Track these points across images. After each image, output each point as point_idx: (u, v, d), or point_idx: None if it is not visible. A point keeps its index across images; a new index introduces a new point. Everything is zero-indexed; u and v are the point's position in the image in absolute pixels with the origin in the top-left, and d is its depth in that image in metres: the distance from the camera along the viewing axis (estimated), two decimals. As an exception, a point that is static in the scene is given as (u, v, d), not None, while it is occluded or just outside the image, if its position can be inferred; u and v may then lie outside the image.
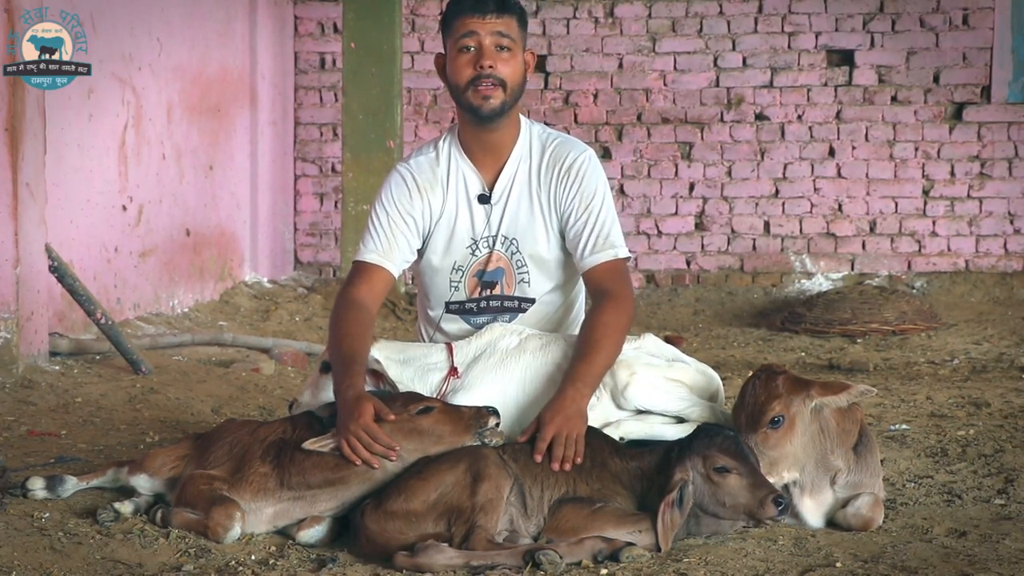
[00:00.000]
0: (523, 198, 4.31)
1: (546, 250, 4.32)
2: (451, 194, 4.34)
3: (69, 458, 4.92)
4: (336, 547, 3.85)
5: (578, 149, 4.33)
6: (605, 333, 4.06)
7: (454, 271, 4.36)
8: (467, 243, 4.34)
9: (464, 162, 4.35)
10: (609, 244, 4.24)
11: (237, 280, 10.14)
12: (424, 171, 4.36)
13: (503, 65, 4.16)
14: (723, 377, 4.52)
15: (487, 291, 4.35)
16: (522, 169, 4.32)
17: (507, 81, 4.18)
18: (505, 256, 4.32)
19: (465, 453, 3.83)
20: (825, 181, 10.76)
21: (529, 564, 3.52)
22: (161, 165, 8.78)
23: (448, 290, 4.38)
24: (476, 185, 4.33)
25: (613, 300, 4.15)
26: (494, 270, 4.34)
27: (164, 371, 7.03)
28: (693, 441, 3.77)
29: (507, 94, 4.19)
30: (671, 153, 10.88)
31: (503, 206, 4.31)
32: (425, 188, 4.33)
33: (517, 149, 4.33)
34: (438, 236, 4.36)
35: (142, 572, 3.59)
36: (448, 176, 4.34)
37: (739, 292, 10.64)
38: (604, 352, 4.04)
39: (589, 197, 4.26)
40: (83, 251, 7.64)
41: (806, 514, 3.93)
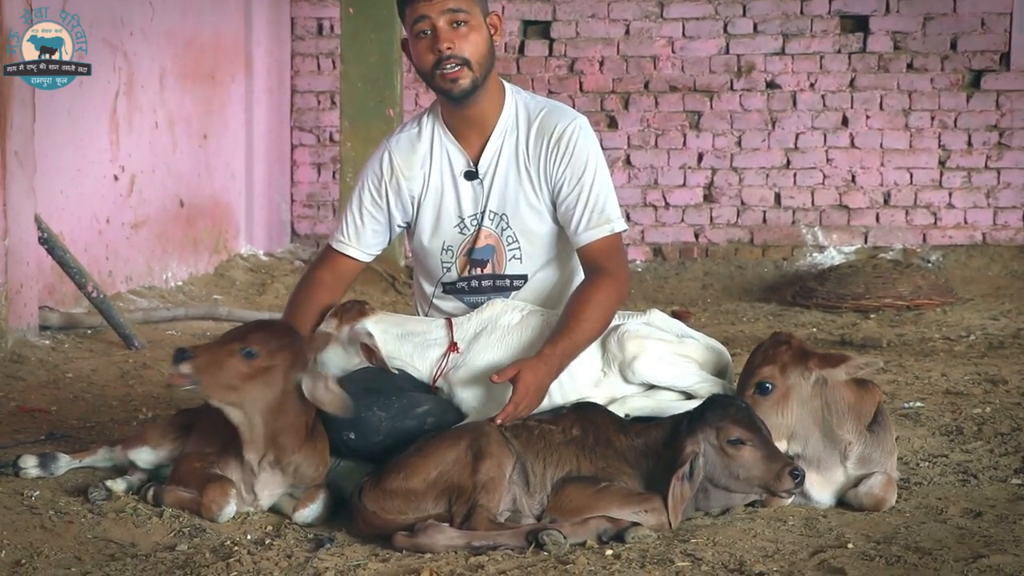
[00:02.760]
0: (511, 172, 4.26)
1: (537, 224, 4.28)
2: (435, 172, 4.30)
3: (60, 435, 4.93)
4: (333, 526, 3.85)
5: (567, 117, 4.27)
6: (592, 310, 4.04)
7: (444, 251, 4.34)
8: (455, 222, 4.31)
9: (447, 138, 4.30)
10: (604, 219, 4.20)
11: (232, 252, 10.13)
12: (404, 150, 4.32)
13: (462, 42, 4.08)
14: (732, 353, 4.51)
15: (477, 269, 4.33)
16: (508, 142, 4.26)
17: (470, 58, 4.10)
18: (495, 232, 4.29)
19: (466, 431, 3.84)
20: (838, 151, 10.73)
21: (532, 544, 3.53)
22: (154, 134, 8.76)
23: (440, 271, 4.37)
24: (461, 161, 4.29)
25: (607, 277, 4.12)
26: (483, 247, 4.31)
27: (157, 346, 7.04)
28: (705, 412, 3.76)
29: (475, 70, 4.12)
30: (679, 122, 10.85)
31: (490, 181, 4.26)
32: (404, 169, 4.30)
33: (502, 121, 4.27)
34: (424, 216, 4.34)
35: (135, 551, 3.60)
36: (431, 154, 4.30)
37: (749, 266, 10.63)
38: (588, 328, 4.03)
39: (580, 169, 4.21)
40: (74, 222, 7.63)
41: (813, 490, 3.93)
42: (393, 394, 4.04)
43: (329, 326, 4.21)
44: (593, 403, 4.01)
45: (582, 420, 3.89)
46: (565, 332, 3.99)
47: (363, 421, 3.97)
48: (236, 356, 3.77)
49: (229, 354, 3.77)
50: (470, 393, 4.11)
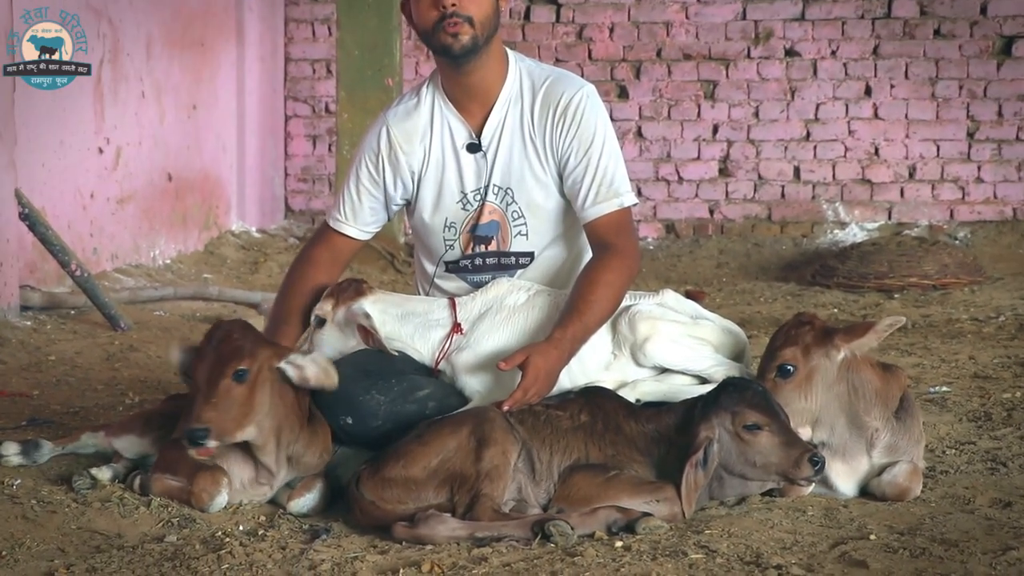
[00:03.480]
0: (515, 144, 4.25)
1: (543, 198, 4.27)
2: (436, 146, 4.29)
3: (41, 420, 4.93)
4: (330, 516, 3.86)
5: (574, 86, 4.26)
6: (603, 290, 4.04)
7: (447, 228, 4.33)
8: (457, 197, 4.30)
9: (448, 109, 4.29)
10: (613, 192, 4.19)
11: (223, 229, 10.13)
12: (403, 124, 4.31)
13: (468, 1, 4.10)
14: (749, 335, 4.51)
15: (480, 247, 4.32)
16: (512, 112, 4.25)
17: (474, 16, 4.10)
18: (499, 208, 4.28)
19: (469, 416, 3.84)
20: (861, 123, 10.72)
21: (538, 536, 3.52)
22: (140, 104, 8.75)
23: (443, 248, 4.36)
24: (463, 133, 4.28)
25: (616, 254, 4.12)
26: (488, 223, 4.30)
27: (144, 327, 7.05)
28: (719, 396, 3.76)
29: (477, 29, 4.11)
30: (693, 92, 10.84)
31: (494, 153, 4.26)
32: (403, 144, 4.29)
33: (505, 91, 4.26)
34: (425, 191, 4.33)
35: (121, 543, 3.60)
36: (431, 126, 4.30)
37: (766, 243, 10.62)
38: (599, 309, 4.03)
39: (588, 140, 4.19)
40: (56, 197, 7.63)
41: (837, 480, 3.93)
42: (393, 377, 4.05)
43: (325, 307, 4.21)
44: (602, 387, 4.01)
45: (590, 405, 3.89)
46: (575, 315, 3.99)
47: (361, 405, 3.98)
48: (234, 391, 3.75)
49: (227, 392, 3.74)
50: (474, 376, 4.11)
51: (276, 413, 3.81)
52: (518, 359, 3.87)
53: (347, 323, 4.18)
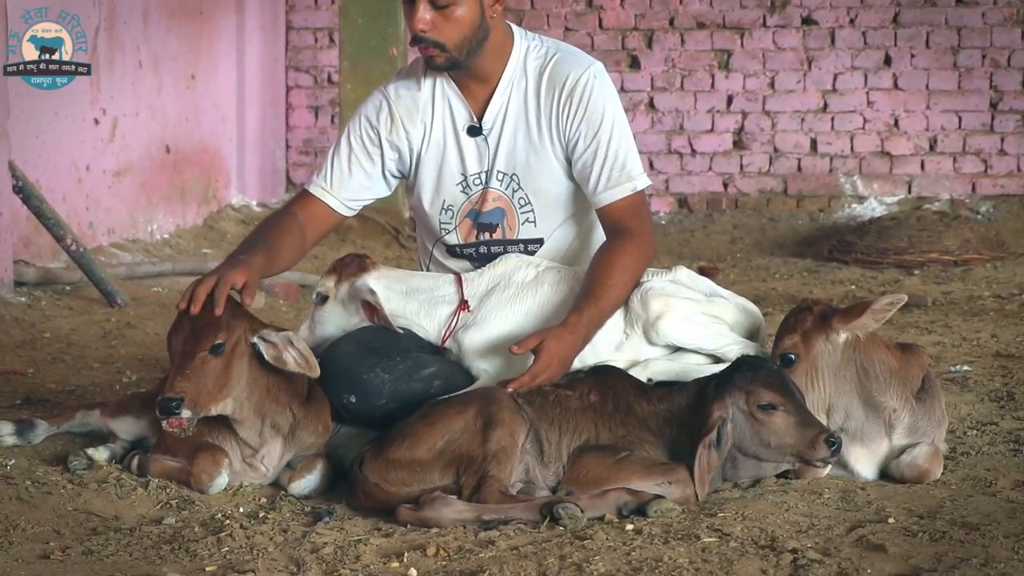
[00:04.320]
0: (519, 127, 4.22)
1: (551, 183, 4.25)
2: (436, 125, 4.26)
3: (36, 399, 4.94)
4: (332, 498, 3.86)
5: (580, 65, 4.20)
6: (619, 274, 4.03)
7: (444, 211, 4.31)
8: (457, 180, 4.27)
9: (450, 88, 4.25)
10: (625, 176, 4.16)
11: (222, 203, 10.13)
12: (403, 99, 4.27)
13: (442, 25, 4.00)
14: (763, 312, 4.50)
15: (485, 234, 4.30)
16: (516, 94, 4.22)
17: (446, 43, 4.03)
18: (505, 194, 4.26)
19: (476, 396, 3.84)
20: (880, 93, 10.68)
21: (547, 518, 3.53)
22: (137, 74, 8.74)
23: (439, 231, 4.35)
24: (464, 115, 4.25)
25: (632, 238, 4.11)
26: (492, 211, 4.28)
27: (141, 303, 7.05)
28: (733, 375, 3.75)
29: (452, 51, 4.05)
30: (707, 62, 10.81)
31: (497, 138, 4.23)
32: (403, 119, 4.26)
33: (508, 71, 4.21)
34: (425, 173, 4.30)
35: (118, 525, 3.61)
36: (433, 104, 4.26)
37: (782, 218, 10.61)
38: (615, 294, 4.03)
39: (596, 123, 4.15)
40: (51, 169, 7.63)
41: (856, 463, 3.92)
42: (398, 355, 4.04)
43: (327, 283, 4.21)
44: (612, 366, 4.01)
45: (600, 385, 3.89)
46: (592, 299, 3.98)
47: (365, 383, 3.98)
48: (210, 363, 3.74)
49: (203, 364, 3.73)
50: (481, 356, 4.10)
51: (258, 386, 3.81)
52: (532, 343, 3.86)
53: (350, 299, 4.18)
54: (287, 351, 3.81)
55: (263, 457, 3.90)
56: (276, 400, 3.84)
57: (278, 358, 3.81)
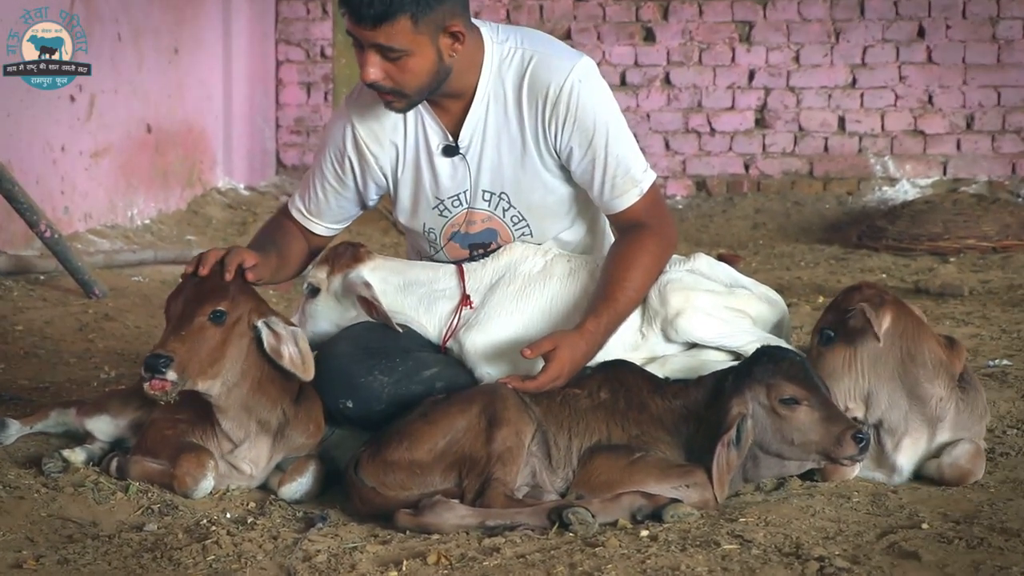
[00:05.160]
0: (503, 143, 4.15)
1: (544, 195, 4.20)
2: (409, 146, 4.19)
3: (8, 397, 4.95)
4: (326, 503, 3.86)
5: (562, 71, 4.07)
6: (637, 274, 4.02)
7: (427, 232, 4.29)
8: (432, 204, 4.22)
9: (423, 107, 4.14)
10: (630, 181, 4.11)
11: (208, 186, 10.14)
12: (368, 122, 4.19)
13: (396, 74, 3.91)
14: (788, 303, 4.49)
15: (479, 250, 4.27)
16: (494, 108, 4.13)
17: (403, 89, 3.94)
18: (494, 215, 4.22)
19: (479, 394, 3.83)
20: (913, 68, 10.68)
21: (555, 524, 3.53)
22: (116, 48, 8.74)
23: (428, 250, 4.34)
24: (437, 134, 4.17)
25: (651, 233, 4.09)
26: (482, 232, 4.25)
27: (121, 294, 7.06)
28: (753, 367, 3.75)
29: (411, 96, 3.98)
30: (727, 34, 10.80)
31: (478, 157, 4.16)
32: (368, 145, 4.20)
33: (483, 84, 4.10)
34: (402, 195, 4.26)
35: (96, 532, 3.61)
36: (404, 124, 4.18)
37: (807, 201, 10.61)
38: (633, 296, 4.02)
39: (590, 131, 4.07)
40: (23, 150, 7.64)
41: (896, 457, 3.91)
42: (397, 356, 4.03)
43: (319, 274, 4.19)
44: (623, 361, 4.00)
45: (611, 382, 3.89)
46: (609, 302, 3.97)
47: (363, 387, 3.97)
48: (208, 330, 3.75)
49: (200, 330, 3.74)
50: (485, 357, 4.09)
51: (249, 376, 3.82)
52: (545, 347, 3.85)
53: (344, 292, 4.16)
54: (287, 345, 3.81)
55: (246, 456, 3.89)
56: (266, 395, 3.84)
57: (276, 350, 3.82)
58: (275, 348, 3.82)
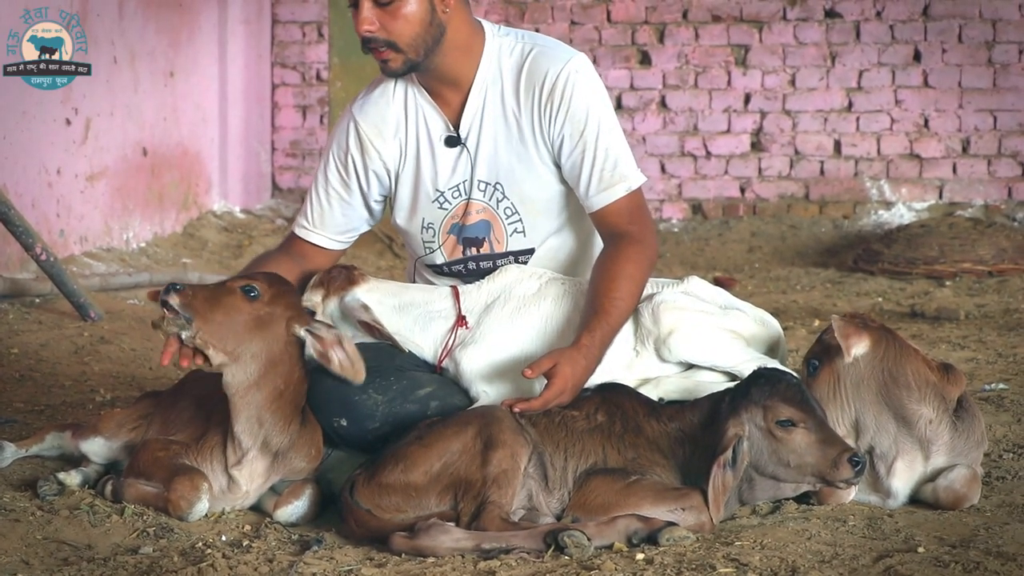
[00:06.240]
0: (499, 132, 4.20)
1: (537, 189, 4.23)
2: (411, 140, 4.25)
3: (4, 420, 4.95)
4: (321, 525, 3.87)
5: (558, 61, 4.16)
6: (624, 284, 4.03)
7: (425, 230, 4.31)
8: (433, 196, 4.27)
9: (422, 97, 4.24)
10: (617, 177, 4.15)
11: (203, 209, 10.14)
12: (372, 118, 4.27)
13: (388, 23, 4.00)
14: (784, 327, 4.50)
15: (472, 249, 4.30)
16: (492, 96, 4.19)
17: (397, 42, 4.03)
18: (488, 206, 4.25)
19: (474, 415, 3.84)
20: (908, 91, 10.69)
21: (551, 547, 3.53)
22: (112, 71, 8.76)
23: (423, 251, 4.36)
24: (439, 124, 4.23)
25: (633, 242, 4.10)
26: (476, 224, 4.27)
27: (117, 317, 7.06)
28: (749, 389, 3.75)
29: (406, 52, 4.05)
30: (723, 58, 10.82)
31: (476, 145, 4.21)
32: (372, 140, 4.26)
33: (481, 74, 4.18)
34: (402, 191, 4.31)
35: (92, 555, 3.61)
36: (405, 117, 4.26)
37: (803, 225, 10.62)
38: (623, 306, 4.02)
39: (581, 121, 4.13)
40: (19, 173, 7.64)
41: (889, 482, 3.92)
42: (392, 374, 4.04)
43: (314, 297, 4.20)
44: (619, 384, 4.01)
45: (608, 404, 3.90)
46: (601, 316, 3.97)
47: (357, 405, 3.98)
48: (235, 293, 3.81)
49: (227, 291, 3.81)
50: (481, 376, 4.10)
51: (272, 382, 3.83)
52: (545, 366, 3.85)
53: (340, 316, 4.17)
54: (334, 349, 3.84)
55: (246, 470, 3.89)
56: (281, 411, 3.85)
57: (323, 355, 3.84)
58: (322, 353, 3.84)
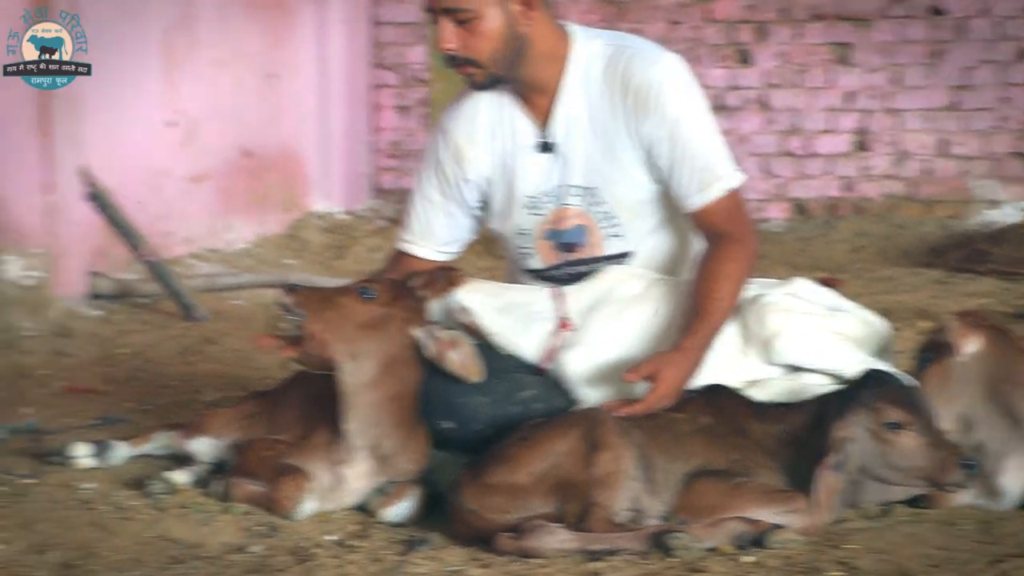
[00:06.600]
0: (591, 137, 4.17)
1: (633, 192, 4.20)
2: (502, 146, 4.25)
3: (113, 419, 5.01)
4: (427, 526, 3.88)
5: (648, 61, 4.13)
6: (725, 285, 4.01)
7: (519, 236, 4.31)
8: (524, 203, 4.26)
9: (513, 104, 4.23)
10: (713, 177, 4.11)
11: (305, 210, 10.21)
12: (462, 126, 4.28)
13: (469, 39, 4.03)
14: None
15: (569, 255, 4.29)
16: (581, 102, 4.17)
17: (477, 57, 4.06)
18: (585, 211, 4.22)
19: (579, 417, 3.84)
20: (1017, 89, 10.57)
21: (657, 549, 3.53)
22: (214, 73, 8.84)
23: (519, 257, 4.37)
24: (529, 131, 4.23)
25: (732, 242, 4.07)
26: (572, 229, 4.26)
27: (221, 317, 7.13)
28: (858, 391, 3.73)
29: (488, 67, 4.08)
30: (824, 56, 10.75)
31: (568, 151, 4.19)
32: (464, 149, 4.27)
33: (570, 77, 4.16)
34: (496, 197, 4.31)
35: (201, 553, 3.65)
36: (496, 125, 4.26)
37: (908, 225, 10.52)
38: (724, 307, 4.01)
39: (672, 123, 4.09)
40: (126, 175, 7.73)
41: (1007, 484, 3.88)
42: (495, 376, 4.04)
43: None
44: (723, 386, 3.99)
45: (712, 406, 3.89)
46: (703, 318, 3.97)
47: (462, 407, 3.99)
48: (351, 294, 3.89)
49: (342, 292, 3.90)
50: (585, 379, 4.09)
51: (389, 384, 3.89)
52: (647, 370, 3.86)
53: (441, 317, 4.18)
54: (451, 351, 3.88)
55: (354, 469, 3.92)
56: (393, 414, 3.90)
57: (441, 356, 3.90)
58: (440, 354, 3.89)
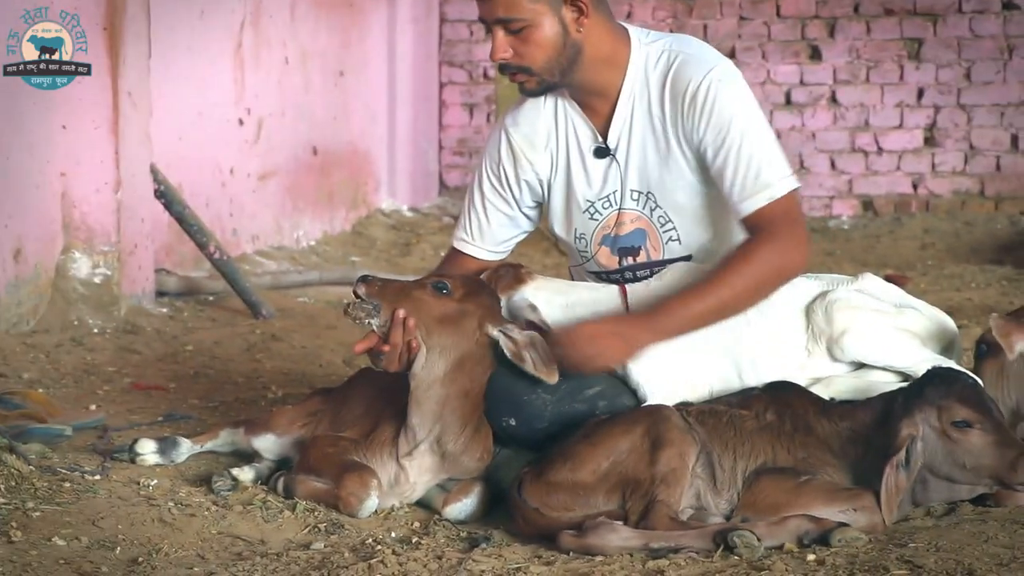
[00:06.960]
0: (648, 142, 4.17)
1: (689, 196, 4.19)
2: (561, 151, 4.27)
3: (179, 415, 5.05)
4: (490, 523, 3.89)
5: (702, 68, 4.10)
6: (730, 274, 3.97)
7: (578, 239, 4.32)
8: (583, 207, 4.26)
9: (572, 108, 4.25)
10: (761, 184, 4.04)
11: (372, 207, 10.25)
12: (523, 129, 4.30)
13: (522, 48, 4.03)
14: (959, 325, 4.43)
15: (628, 259, 4.29)
16: (639, 108, 4.17)
17: (531, 66, 4.06)
18: (644, 215, 4.23)
19: (642, 414, 3.83)
20: (1088, 84, 10.48)
21: (720, 547, 3.51)
22: (283, 71, 8.89)
23: (578, 259, 4.37)
24: (588, 136, 4.24)
25: (766, 239, 4.00)
26: (631, 233, 4.25)
27: (288, 314, 7.16)
28: (924, 388, 3.70)
29: (541, 74, 4.08)
30: (895, 52, 10.68)
31: (625, 156, 4.20)
32: (524, 151, 4.28)
33: (628, 83, 4.16)
34: (555, 201, 4.32)
35: (265, 550, 3.66)
36: (556, 129, 4.27)
37: (978, 221, 10.43)
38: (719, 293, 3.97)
39: (724, 130, 4.05)
40: (194, 173, 7.79)
41: None
42: (560, 373, 4.04)
43: None
44: (789, 382, 3.97)
45: (777, 403, 3.86)
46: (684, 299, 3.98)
47: (526, 405, 3.98)
48: (426, 288, 3.91)
49: (418, 285, 3.92)
50: (650, 373, 4.07)
51: (459, 381, 3.89)
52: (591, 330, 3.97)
53: (508, 314, 4.18)
54: (528, 350, 3.89)
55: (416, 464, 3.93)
56: (460, 411, 3.90)
57: (518, 355, 3.89)
58: (516, 354, 3.89)
